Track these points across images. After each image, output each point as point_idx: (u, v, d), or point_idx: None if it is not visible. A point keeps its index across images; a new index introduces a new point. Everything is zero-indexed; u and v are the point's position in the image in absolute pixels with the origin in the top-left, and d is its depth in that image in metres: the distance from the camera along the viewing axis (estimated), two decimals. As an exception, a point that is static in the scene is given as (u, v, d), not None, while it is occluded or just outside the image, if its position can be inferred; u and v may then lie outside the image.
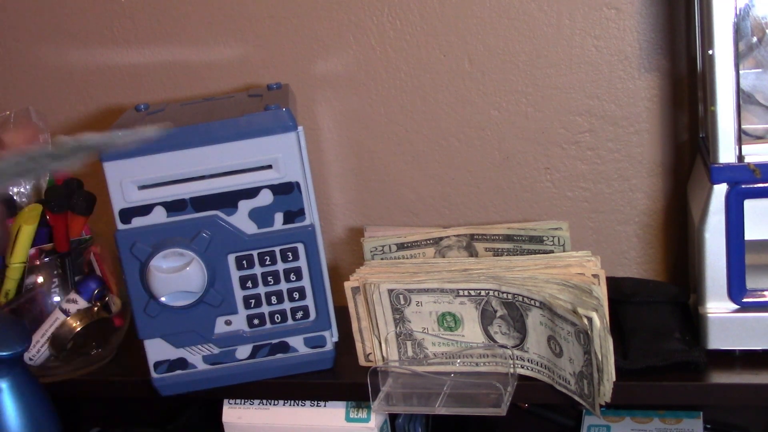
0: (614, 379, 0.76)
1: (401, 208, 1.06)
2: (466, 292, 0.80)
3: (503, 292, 0.78)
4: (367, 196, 1.07)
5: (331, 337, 0.87)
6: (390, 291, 0.82)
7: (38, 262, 0.93)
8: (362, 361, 0.87)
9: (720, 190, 0.77)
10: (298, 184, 0.81)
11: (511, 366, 0.81)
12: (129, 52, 1.08)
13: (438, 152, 1.03)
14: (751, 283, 0.79)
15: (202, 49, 1.06)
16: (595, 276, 0.77)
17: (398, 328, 0.83)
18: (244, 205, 0.82)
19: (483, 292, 0.79)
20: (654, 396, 0.80)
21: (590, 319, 0.72)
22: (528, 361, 0.81)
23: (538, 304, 0.77)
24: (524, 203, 1.03)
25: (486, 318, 0.81)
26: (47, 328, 0.93)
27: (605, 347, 0.74)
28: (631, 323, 0.86)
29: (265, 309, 0.84)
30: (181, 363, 0.86)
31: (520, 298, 0.78)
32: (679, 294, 0.89)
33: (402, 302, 0.82)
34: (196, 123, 0.81)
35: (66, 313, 0.93)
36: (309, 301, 0.84)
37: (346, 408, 0.89)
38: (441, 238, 0.89)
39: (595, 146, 0.99)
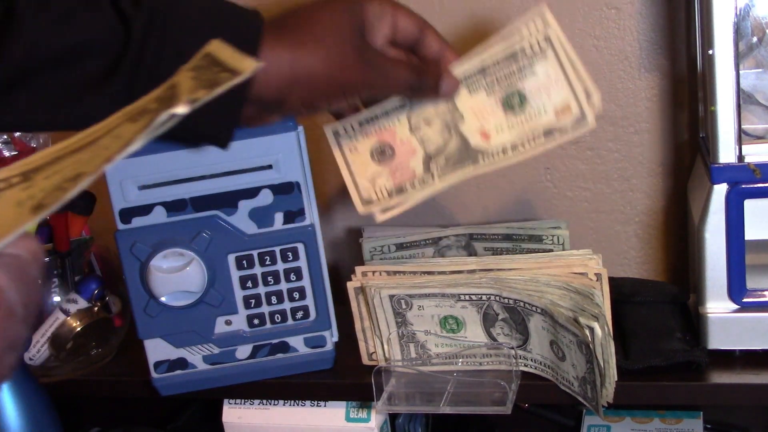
0: (616, 379, 0.76)
1: (401, 208, 1.06)
2: (467, 297, 0.80)
3: (504, 298, 0.78)
4: (366, 196, 1.06)
5: (331, 337, 0.87)
6: (391, 296, 0.81)
7: (38, 262, 0.93)
8: (365, 360, 0.86)
9: (720, 190, 0.77)
10: (298, 184, 0.81)
11: (515, 364, 0.80)
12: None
13: (438, 152, 1.03)
14: (751, 283, 0.79)
15: (202, 49, 1.05)
16: (597, 275, 0.77)
17: (401, 331, 0.83)
18: (244, 205, 0.82)
19: (484, 297, 0.79)
20: (654, 396, 0.80)
21: (592, 329, 0.71)
22: (531, 360, 0.81)
23: (539, 310, 0.76)
24: (524, 203, 1.02)
25: (488, 321, 0.81)
26: (47, 328, 0.93)
27: (607, 353, 0.74)
28: (632, 323, 0.86)
29: (265, 309, 0.84)
30: (181, 363, 0.86)
31: (522, 304, 0.77)
32: (679, 294, 0.89)
33: (403, 306, 0.82)
34: (197, 123, 0.81)
35: (66, 313, 0.93)
36: (309, 301, 0.84)
37: (346, 408, 0.89)
38: (440, 238, 0.89)
39: (595, 146, 0.99)
